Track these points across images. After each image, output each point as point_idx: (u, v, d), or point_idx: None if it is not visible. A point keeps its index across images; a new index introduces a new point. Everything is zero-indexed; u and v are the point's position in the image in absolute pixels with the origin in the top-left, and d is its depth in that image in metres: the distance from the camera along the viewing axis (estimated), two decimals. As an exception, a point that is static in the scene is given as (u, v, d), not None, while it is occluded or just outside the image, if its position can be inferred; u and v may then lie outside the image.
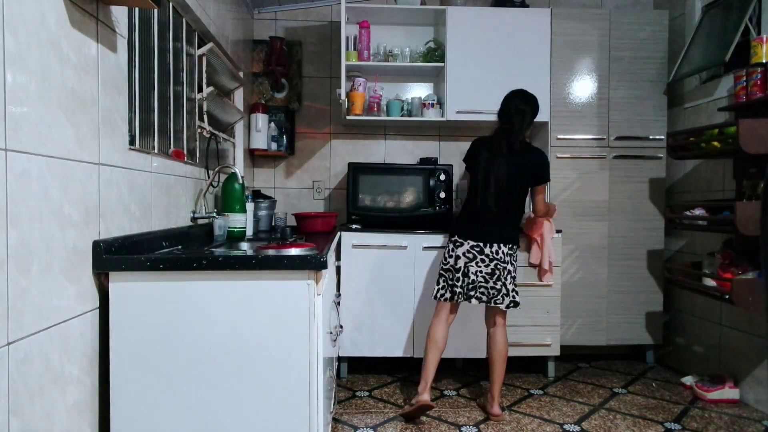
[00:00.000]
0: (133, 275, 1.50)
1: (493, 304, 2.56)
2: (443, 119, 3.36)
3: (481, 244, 2.56)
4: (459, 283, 2.57)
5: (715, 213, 2.69)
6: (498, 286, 2.55)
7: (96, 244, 1.44)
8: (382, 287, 3.08)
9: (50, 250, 1.24)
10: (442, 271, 2.65)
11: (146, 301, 1.51)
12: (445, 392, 2.91)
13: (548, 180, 2.68)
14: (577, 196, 3.36)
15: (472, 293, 2.56)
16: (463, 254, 2.57)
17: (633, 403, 2.79)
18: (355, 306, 3.06)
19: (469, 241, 2.57)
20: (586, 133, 3.36)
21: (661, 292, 3.38)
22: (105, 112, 1.51)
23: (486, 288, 2.55)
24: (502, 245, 2.55)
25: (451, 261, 2.60)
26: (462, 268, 2.57)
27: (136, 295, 1.50)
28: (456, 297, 2.57)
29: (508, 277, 2.57)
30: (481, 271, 2.55)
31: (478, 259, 2.55)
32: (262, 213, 3.14)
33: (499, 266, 2.55)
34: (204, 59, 2.47)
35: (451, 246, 2.63)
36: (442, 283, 2.63)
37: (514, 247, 2.60)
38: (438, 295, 2.63)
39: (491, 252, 2.55)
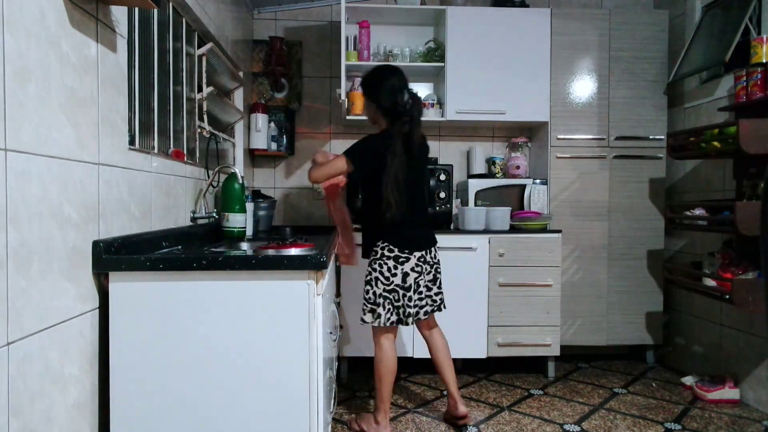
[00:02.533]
0: (132, 275, 1.50)
1: (439, 311, 2.46)
2: (443, 119, 3.36)
3: (424, 253, 2.36)
4: (411, 303, 2.32)
5: (715, 213, 2.69)
6: (441, 290, 2.48)
7: (96, 244, 1.44)
8: (382, 287, 3.08)
9: (50, 250, 1.24)
10: (385, 293, 2.30)
11: (146, 301, 1.51)
12: (445, 392, 2.91)
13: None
14: (577, 196, 3.36)
15: (424, 308, 2.37)
16: (411, 269, 2.31)
17: (633, 403, 2.79)
18: (355, 306, 3.06)
19: (415, 253, 2.32)
20: (586, 133, 3.36)
21: (661, 292, 3.38)
22: (105, 112, 1.51)
23: (431, 296, 2.42)
24: (433, 249, 2.43)
25: (397, 279, 2.29)
26: (413, 285, 2.32)
27: (136, 295, 1.50)
28: (407, 319, 2.31)
29: (440, 278, 2.48)
30: (426, 281, 2.39)
31: (424, 270, 2.36)
32: (262, 213, 3.13)
33: (438, 270, 2.46)
34: (204, 59, 2.47)
35: (391, 263, 2.29)
36: (387, 307, 2.30)
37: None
38: (384, 322, 2.30)
39: (431, 258, 2.40)
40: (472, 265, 3.09)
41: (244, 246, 2.25)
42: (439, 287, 2.47)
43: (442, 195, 3.23)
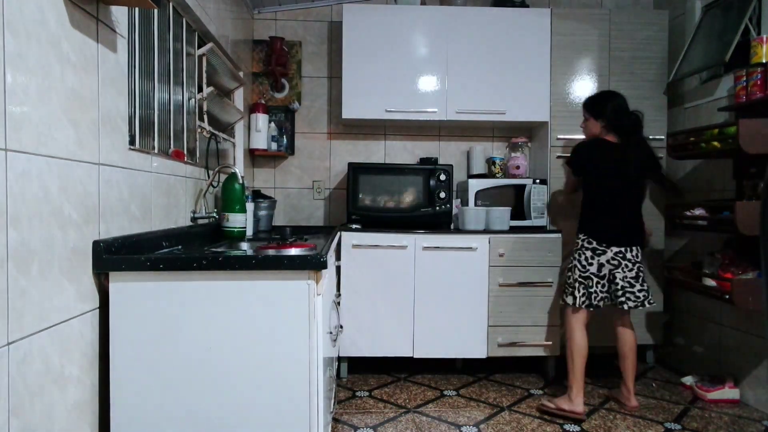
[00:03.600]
0: (133, 275, 1.50)
1: (642, 307, 2.63)
2: (443, 119, 3.36)
3: (623, 250, 2.61)
4: (603, 289, 2.64)
5: (715, 213, 2.69)
6: (645, 288, 2.64)
7: (96, 244, 1.44)
8: (382, 287, 3.08)
9: (50, 250, 1.24)
10: (581, 279, 2.65)
11: (146, 301, 1.51)
12: (445, 392, 2.91)
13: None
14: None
15: (622, 299, 2.62)
16: (608, 261, 2.62)
17: (633, 403, 2.79)
18: (355, 306, 3.06)
19: (612, 247, 2.61)
20: (586, 133, 3.36)
21: (661, 292, 3.38)
22: (105, 112, 1.51)
23: (633, 292, 2.62)
24: (636, 248, 2.64)
25: (592, 269, 2.63)
26: (607, 275, 2.63)
27: (136, 295, 1.51)
28: (597, 303, 2.64)
29: (645, 277, 2.66)
30: (626, 277, 2.62)
31: (622, 265, 2.62)
32: (262, 213, 3.14)
33: (641, 269, 2.64)
34: (204, 59, 2.47)
35: (589, 254, 2.64)
36: (582, 291, 2.66)
37: (642, 248, 2.69)
38: (579, 304, 2.66)
39: (633, 256, 2.63)
40: (472, 265, 3.09)
41: (244, 246, 2.26)
42: (642, 284, 2.63)
43: (442, 195, 3.23)
